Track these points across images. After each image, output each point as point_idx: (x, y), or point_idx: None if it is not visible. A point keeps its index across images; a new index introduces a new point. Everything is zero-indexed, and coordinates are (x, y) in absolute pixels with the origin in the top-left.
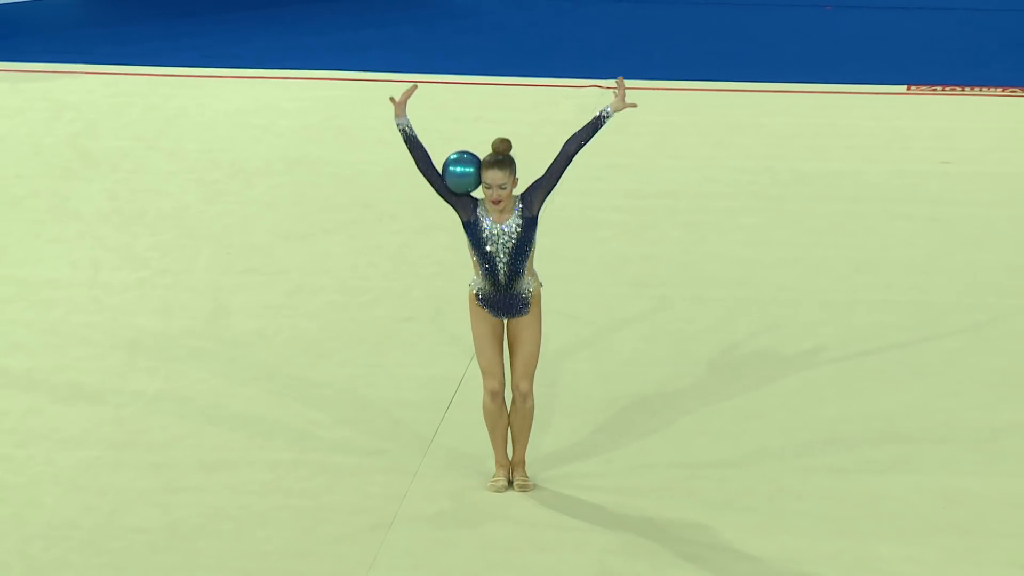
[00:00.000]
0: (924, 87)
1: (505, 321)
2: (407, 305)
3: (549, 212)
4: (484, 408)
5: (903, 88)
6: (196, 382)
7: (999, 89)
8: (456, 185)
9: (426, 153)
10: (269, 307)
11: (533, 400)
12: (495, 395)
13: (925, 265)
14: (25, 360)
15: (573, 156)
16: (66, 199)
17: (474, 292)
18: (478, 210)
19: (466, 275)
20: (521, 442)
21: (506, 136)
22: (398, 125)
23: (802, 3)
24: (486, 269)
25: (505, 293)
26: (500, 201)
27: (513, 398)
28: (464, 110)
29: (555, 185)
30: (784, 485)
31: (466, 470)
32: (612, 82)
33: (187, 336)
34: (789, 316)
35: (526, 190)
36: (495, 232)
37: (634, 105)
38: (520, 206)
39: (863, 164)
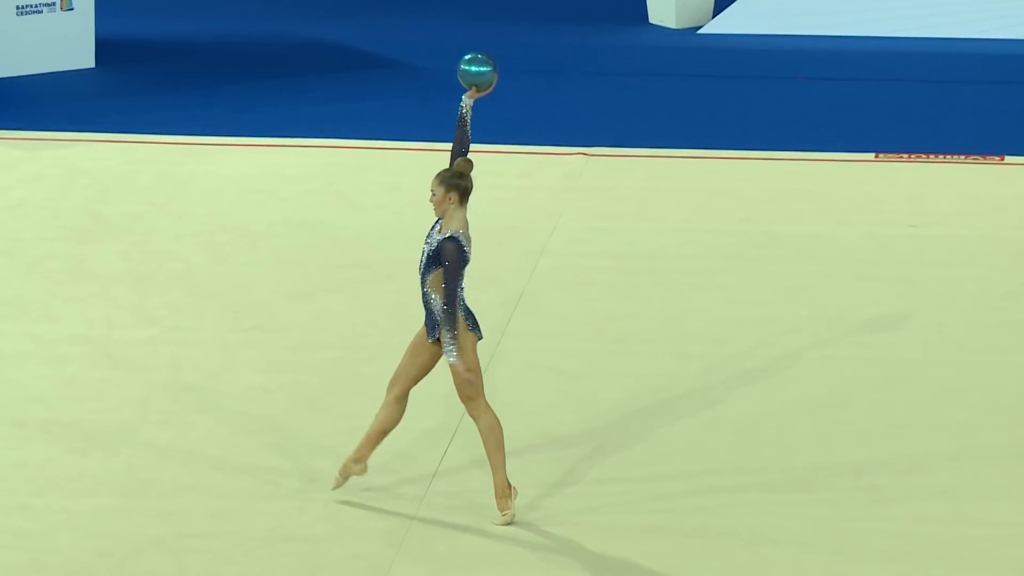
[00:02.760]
0: (891, 155)
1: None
2: None
3: (538, 272)
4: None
5: (871, 156)
6: (204, 434)
7: (962, 157)
8: (469, 80)
9: (461, 137)
10: (273, 363)
11: (486, 419)
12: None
13: (894, 323)
14: (43, 412)
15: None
16: (81, 260)
17: None
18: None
19: None
20: (491, 465)
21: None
22: (463, 103)
23: (775, 76)
24: None
25: (424, 306)
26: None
27: None
28: None
29: None
30: (761, 531)
31: (460, 516)
32: (595, 149)
33: (196, 390)
34: (765, 371)
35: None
36: (426, 242)
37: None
38: (440, 226)
39: (834, 227)
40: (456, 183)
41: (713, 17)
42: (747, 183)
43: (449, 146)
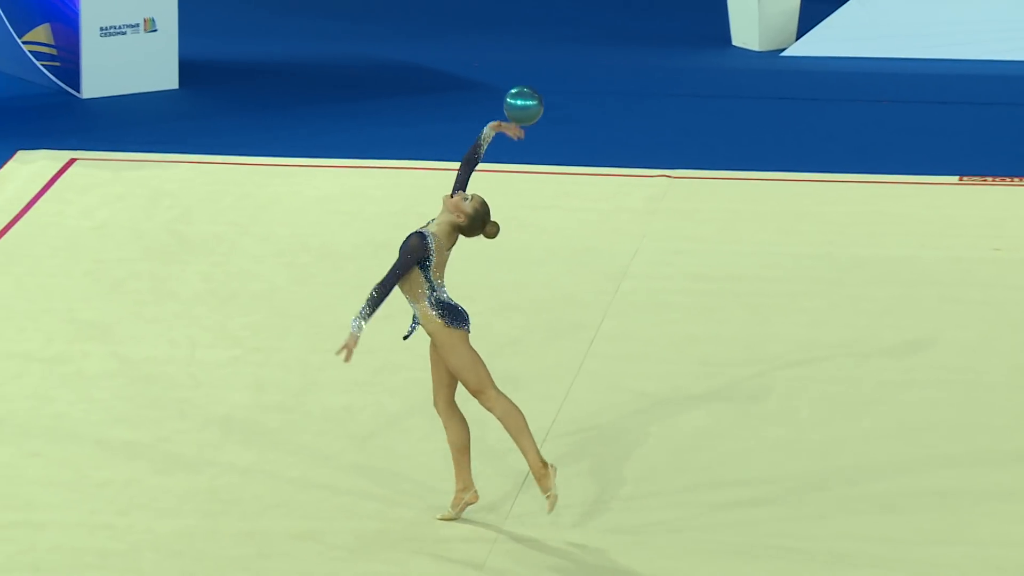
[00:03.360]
0: (975, 178)
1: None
2: None
3: (620, 294)
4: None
5: (955, 179)
6: (286, 454)
7: None
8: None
9: (469, 165)
10: (355, 384)
11: (500, 408)
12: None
13: (977, 346)
14: (126, 433)
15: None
16: (164, 281)
17: None
18: None
19: (539, 352)
20: (521, 449)
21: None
22: (484, 132)
23: (859, 98)
24: None
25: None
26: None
27: None
28: (539, 198)
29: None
30: (842, 553)
31: (543, 538)
32: (678, 172)
33: (278, 411)
34: (848, 394)
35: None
36: None
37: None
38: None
39: (917, 250)
40: (476, 221)
41: (797, 39)
42: (830, 206)
43: (524, 167)
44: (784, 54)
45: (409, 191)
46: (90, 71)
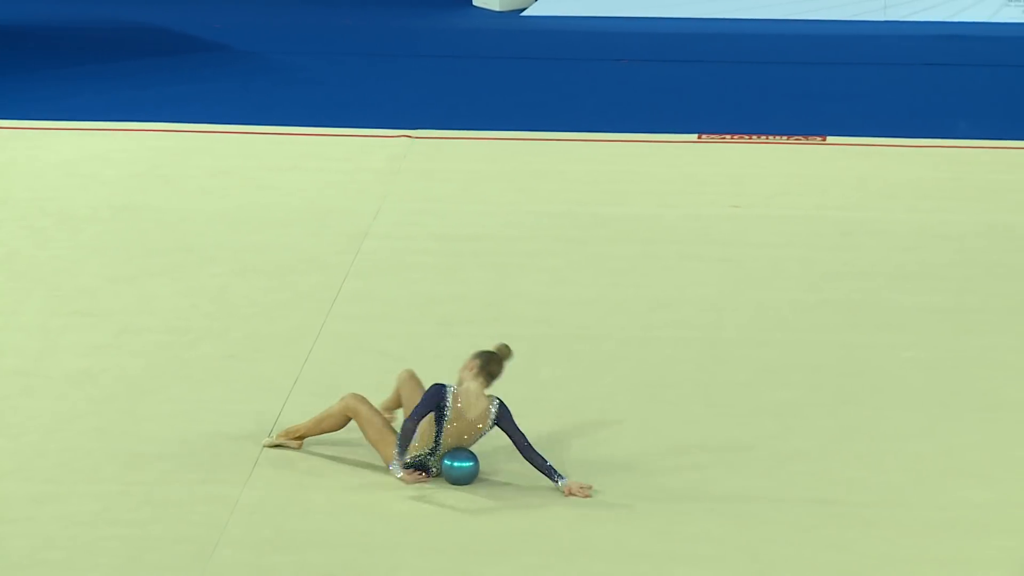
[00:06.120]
0: (714, 136)
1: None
2: (227, 344)
3: (362, 255)
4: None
5: (694, 137)
6: (26, 419)
7: (784, 137)
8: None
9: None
10: (96, 347)
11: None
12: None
13: (717, 302)
14: None
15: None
16: None
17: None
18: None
19: (280, 314)
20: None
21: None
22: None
23: (599, 58)
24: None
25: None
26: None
27: None
28: (281, 159)
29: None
30: (580, 515)
31: (284, 500)
32: (419, 132)
33: (16, 375)
34: (589, 352)
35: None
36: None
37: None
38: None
39: (658, 208)
40: (488, 363)
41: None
42: (572, 165)
43: (266, 128)
44: (524, 14)
45: (148, 153)
46: None
